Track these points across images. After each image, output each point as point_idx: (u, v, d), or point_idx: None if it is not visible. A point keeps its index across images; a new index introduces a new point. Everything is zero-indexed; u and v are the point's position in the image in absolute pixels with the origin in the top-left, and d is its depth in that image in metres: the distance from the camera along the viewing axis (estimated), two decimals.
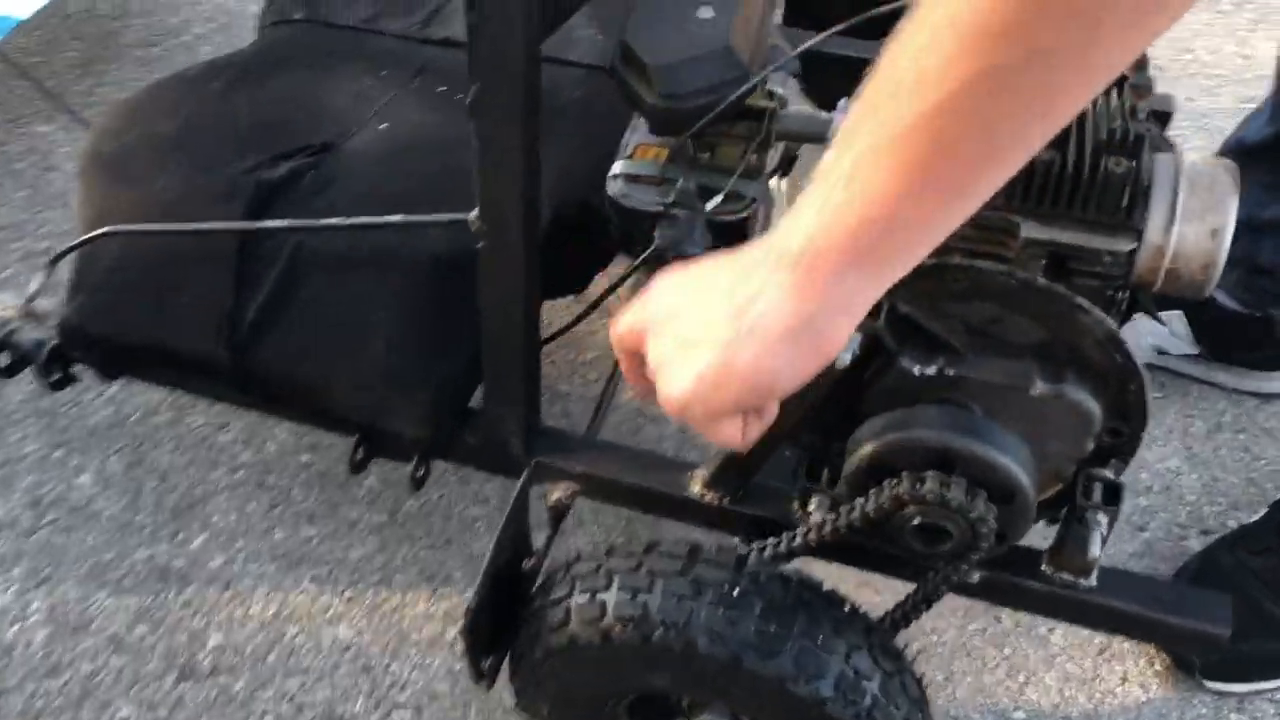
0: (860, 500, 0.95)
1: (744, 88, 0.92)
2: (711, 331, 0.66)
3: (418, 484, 1.23)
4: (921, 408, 0.94)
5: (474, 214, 1.05)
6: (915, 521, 0.94)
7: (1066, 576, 1.09)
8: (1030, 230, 0.91)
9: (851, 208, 0.59)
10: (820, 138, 1.05)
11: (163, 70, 2.21)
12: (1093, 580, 1.08)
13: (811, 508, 1.10)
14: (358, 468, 1.22)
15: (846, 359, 0.91)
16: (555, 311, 1.68)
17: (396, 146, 1.34)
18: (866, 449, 0.94)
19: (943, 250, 0.94)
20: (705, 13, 0.98)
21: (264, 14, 1.59)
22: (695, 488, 1.16)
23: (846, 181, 0.59)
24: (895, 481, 0.92)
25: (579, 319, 1.14)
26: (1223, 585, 1.39)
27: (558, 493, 1.21)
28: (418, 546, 1.43)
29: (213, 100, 1.40)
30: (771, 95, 1.04)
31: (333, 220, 1.16)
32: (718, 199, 0.97)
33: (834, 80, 1.23)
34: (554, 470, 1.20)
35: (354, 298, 1.20)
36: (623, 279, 1.00)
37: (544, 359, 1.68)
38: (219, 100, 1.40)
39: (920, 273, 0.91)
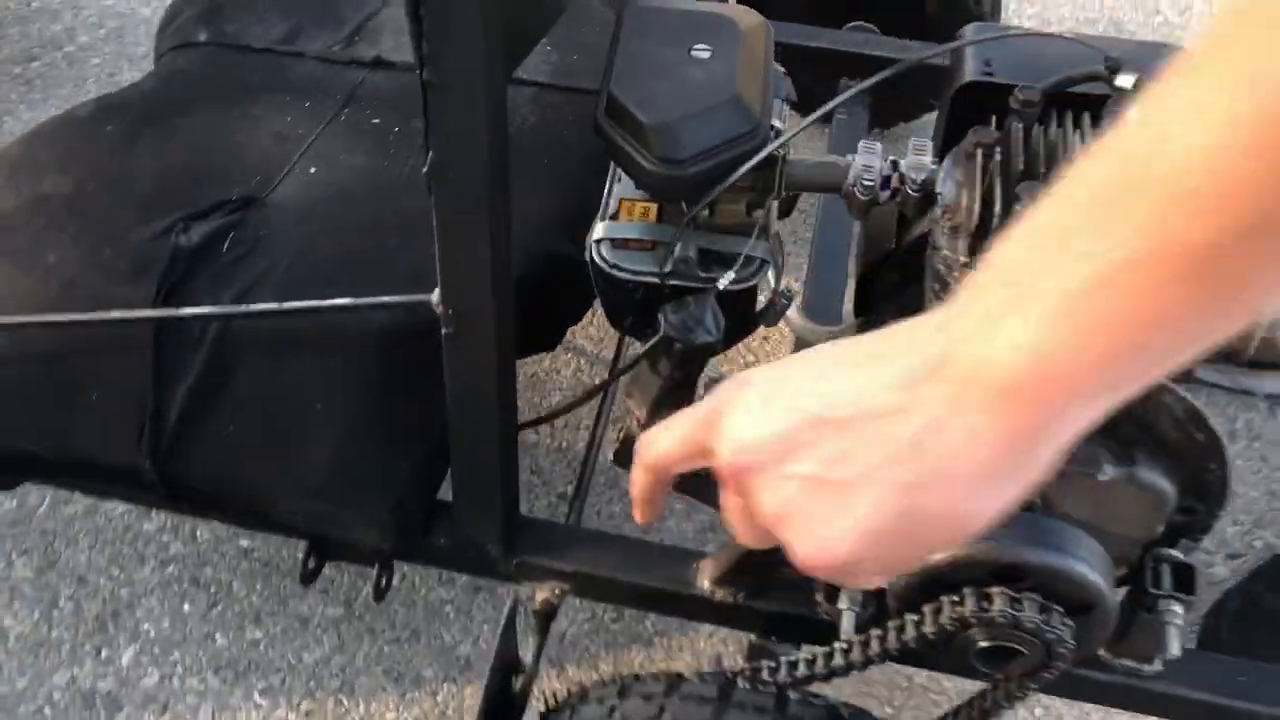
0: (913, 619, 0.83)
1: (763, 153, 0.79)
2: (874, 474, 0.50)
3: (380, 594, 1.08)
4: None
5: (435, 295, 0.90)
6: (981, 644, 0.82)
7: (1128, 663, 0.98)
8: None
9: (1096, 334, 0.44)
10: (836, 187, 0.92)
11: (45, 89, 2.00)
12: (1157, 665, 0.98)
13: (842, 604, 0.99)
14: (308, 579, 1.08)
15: None
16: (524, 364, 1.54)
17: (329, 196, 1.19)
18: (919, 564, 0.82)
19: None
20: (701, 51, 0.84)
21: (161, 37, 1.41)
22: (704, 583, 1.04)
23: (1085, 300, 0.44)
24: (957, 601, 0.81)
25: (567, 408, 1.00)
26: (1267, 624, 1.31)
27: (544, 593, 1.08)
28: (380, 641, 1.29)
29: (109, 149, 1.22)
30: (778, 134, 0.91)
31: (264, 306, 1.01)
32: (730, 275, 0.84)
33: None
34: (540, 570, 1.06)
35: (293, 386, 1.05)
36: (625, 369, 0.86)
37: None
38: (117, 148, 1.22)
39: None
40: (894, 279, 1.05)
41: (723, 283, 0.84)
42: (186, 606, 1.31)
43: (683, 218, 0.90)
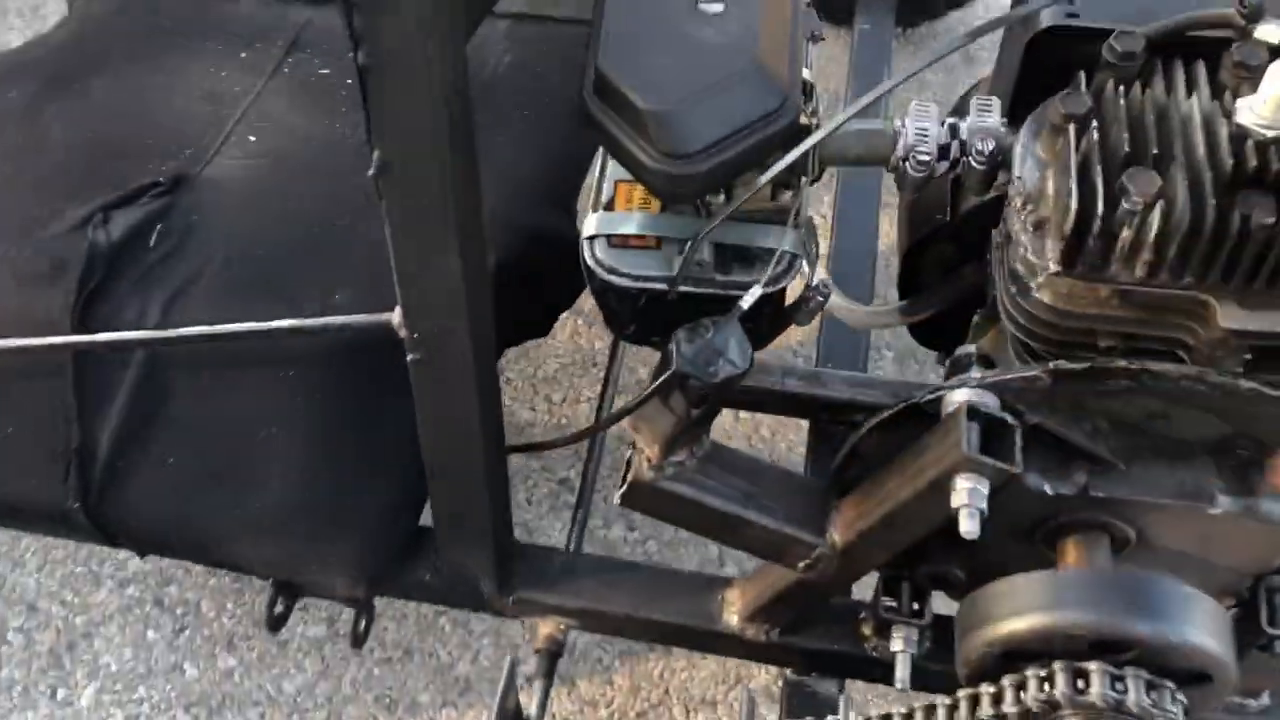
0: (991, 692, 0.70)
1: (802, 147, 0.63)
2: None
3: (359, 640, 0.96)
4: (1071, 577, 0.69)
5: (396, 314, 0.75)
6: None
7: (1232, 699, 0.86)
8: (1232, 318, 0.63)
9: None
10: (883, 159, 0.76)
11: None
12: (1265, 700, 0.86)
13: (896, 645, 0.86)
14: (276, 625, 0.95)
15: (977, 530, 0.65)
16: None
17: (273, 168, 1.03)
18: (1001, 630, 0.69)
19: (1088, 334, 0.68)
20: (712, 4, 0.67)
21: None
22: (732, 620, 0.91)
23: None
24: (1046, 678, 0.67)
25: (565, 442, 0.85)
26: None
27: (548, 629, 0.96)
28: (369, 663, 1.17)
29: (14, 122, 1.06)
30: (807, 93, 0.74)
31: (194, 330, 0.85)
32: (756, 291, 0.68)
33: None
34: (541, 606, 0.94)
35: (238, 413, 0.91)
36: (630, 407, 0.71)
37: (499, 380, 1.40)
38: (22, 122, 1.06)
39: (1064, 376, 0.66)
40: (949, 252, 0.90)
41: (748, 300, 0.68)
42: (150, 633, 1.19)
43: (693, 209, 0.75)
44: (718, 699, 1.17)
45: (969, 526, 0.65)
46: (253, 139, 1.05)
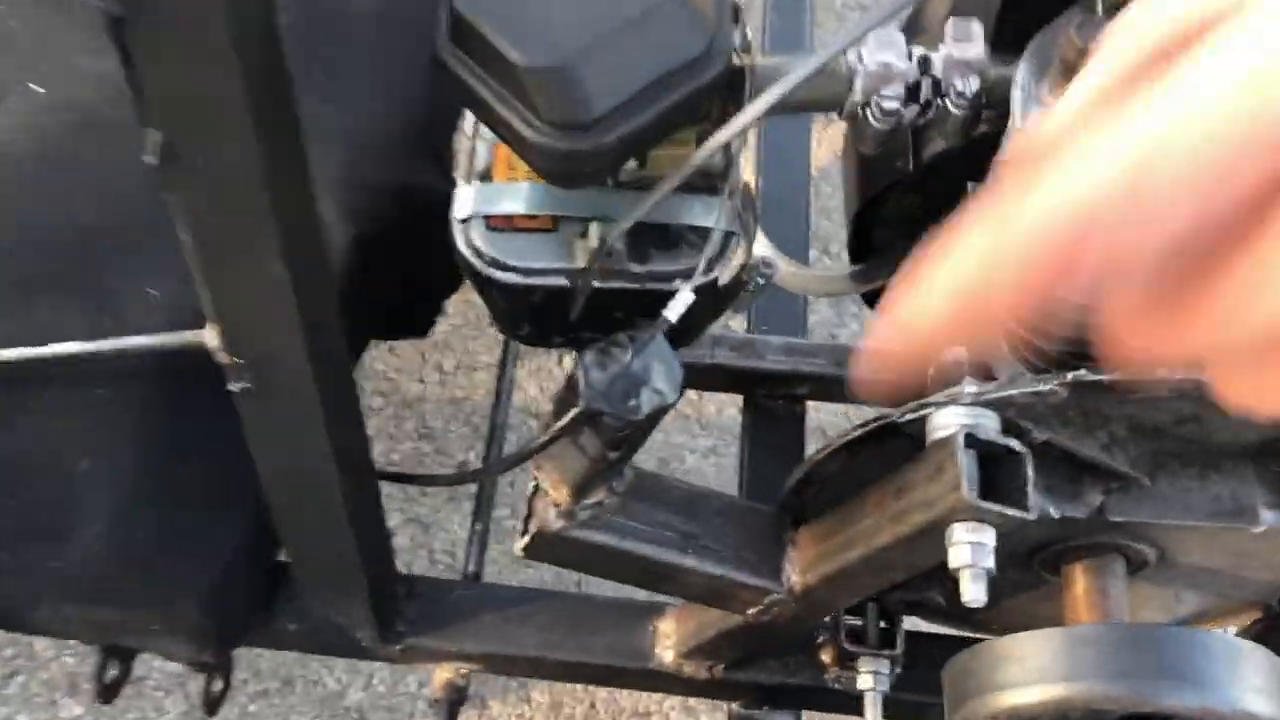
0: None
1: (750, 112, 0.47)
2: None
3: (212, 706, 0.80)
4: (1090, 635, 0.56)
5: (210, 333, 0.58)
6: None
7: None
8: None
9: None
10: (835, 105, 0.60)
11: None
12: None
13: (864, 682, 0.73)
14: (108, 694, 0.79)
15: (983, 597, 0.51)
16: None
17: (68, 128, 0.83)
18: (1004, 703, 0.56)
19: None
20: None
21: None
22: (666, 656, 0.77)
23: None
24: None
25: (449, 480, 0.69)
26: None
27: (447, 674, 0.81)
28: (243, 696, 1.02)
29: None
30: (734, 17, 0.58)
31: None
32: (687, 296, 0.53)
33: None
34: (436, 652, 0.79)
35: (40, 444, 0.73)
36: (526, 453, 0.55)
37: (380, 347, 1.24)
38: None
39: (1086, 388, 0.52)
40: (912, 204, 0.75)
41: (675, 310, 0.52)
42: None
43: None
44: (651, 710, 1.04)
45: (974, 594, 0.51)
46: (40, 90, 0.85)
